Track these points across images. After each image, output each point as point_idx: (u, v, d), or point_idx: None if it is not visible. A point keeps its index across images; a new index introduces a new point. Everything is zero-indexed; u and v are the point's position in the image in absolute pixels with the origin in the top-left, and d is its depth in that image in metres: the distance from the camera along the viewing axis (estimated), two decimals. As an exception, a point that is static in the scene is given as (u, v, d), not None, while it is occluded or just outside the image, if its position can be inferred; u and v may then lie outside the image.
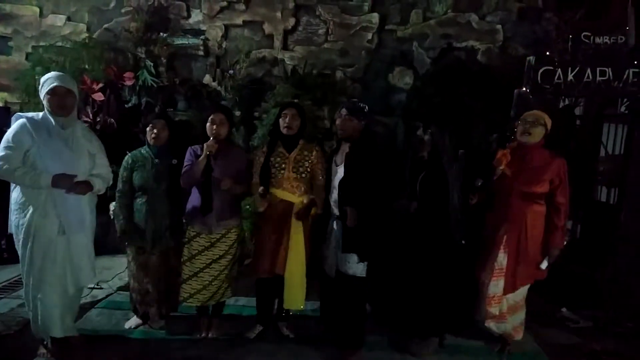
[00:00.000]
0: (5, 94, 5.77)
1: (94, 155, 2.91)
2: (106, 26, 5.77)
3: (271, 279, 3.19)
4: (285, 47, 5.72)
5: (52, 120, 2.77)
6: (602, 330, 3.71)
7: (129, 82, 5.32)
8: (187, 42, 5.69)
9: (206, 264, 3.15)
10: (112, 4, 5.77)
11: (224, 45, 5.74)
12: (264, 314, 3.36)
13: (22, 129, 2.72)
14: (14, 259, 2.99)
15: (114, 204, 3.46)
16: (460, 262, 3.25)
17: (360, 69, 5.64)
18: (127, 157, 3.31)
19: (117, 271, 4.32)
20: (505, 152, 3.11)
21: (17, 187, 2.80)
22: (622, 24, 4.08)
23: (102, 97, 5.10)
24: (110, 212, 4.29)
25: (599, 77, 3.72)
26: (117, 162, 3.33)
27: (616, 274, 3.74)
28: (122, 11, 5.73)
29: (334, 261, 3.13)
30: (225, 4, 5.68)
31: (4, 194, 3.18)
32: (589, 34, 3.94)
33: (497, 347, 3.30)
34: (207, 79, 5.70)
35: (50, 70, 4.45)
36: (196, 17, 5.75)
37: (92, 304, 3.76)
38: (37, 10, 5.80)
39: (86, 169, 2.83)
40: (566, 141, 4.27)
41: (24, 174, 2.66)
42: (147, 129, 3.28)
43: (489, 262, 3.15)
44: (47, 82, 2.75)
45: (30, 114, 2.83)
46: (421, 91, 5.09)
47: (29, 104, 5.05)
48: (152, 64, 5.41)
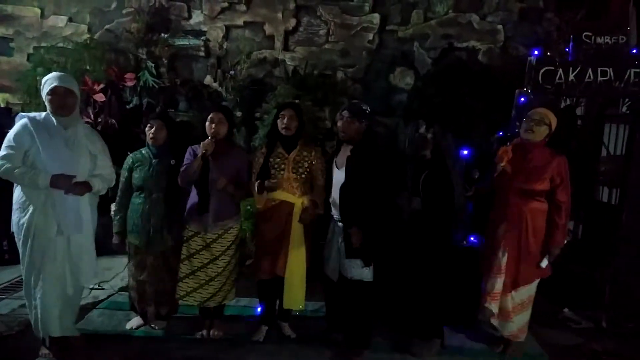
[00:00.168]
0: (6, 95, 5.77)
1: (96, 155, 2.91)
2: (107, 27, 5.77)
3: (273, 279, 3.18)
4: (286, 47, 5.72)
5: (54, 120, 2.78)
6: (604, 330, 3.71)
7: (130, 83, 5.32)
8: (188, 43, 5.69)
9: (203, 264, 3.15)
10: (113, 5, 5.78)
11: (224, 46, 5.74)
12: (267, 314, 3.36)
13: (23, 129, 2.75)
14: (15, 259, 2.99)
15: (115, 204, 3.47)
16: (462, 261, 3.25)
17: (361, 70, 5.63)
18: (128, 157, 3.34)
19: (118, 271, 4.33)
20: (507, 148, 3.10)
21: (19, 186, 2.81)
22: (623, 24, 4.08)
23: (104, 98, 5.11)
24: (111, 212, 4.29)
25: (600, 77, 3.71)
26: (118, 163, 3.33)
27: (617, 274, 3.74)
28: (123, 12, 5.73)
29: (336, 265, 3.09)
30: (226, 4, 5.68)
31: (5, 194, 3.17)
32: (590, 34, 3.93)
33: (499, 349, 3.30)
34: (208, 79, 5.70)
35: (51, 71, 4.46)
36: (197, 18, 5.75)
37: (94, 305, 3.77)
38: (38, 11, 5.81)
39: (86, 169, 2.83)
40: (567, 141, 4.26)
41: (23, 173, 2.67)
42: (146, 129, 3.29)
43: (490, 259, 3.15)
44: (48, 82, 2.77)
45: (32, 114, 2.84)
46: (422, 91, 5.08)
47: (30, 105, 5.05)
48: (153, 65, 5.41)
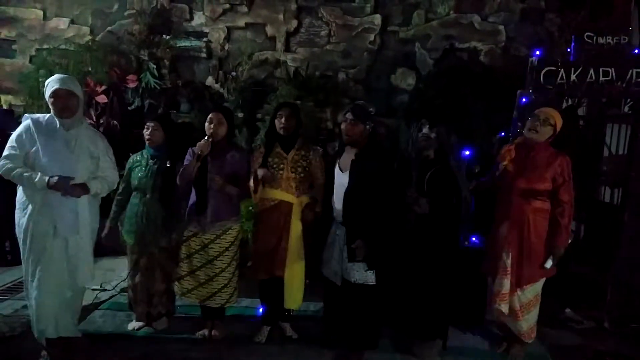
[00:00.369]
0: (9, 97, 5.80)
1: (98, 157, 2.91)
2: (109, 29, 5.80)
3: (274, 280, 3.18)
4: (287, 49, 5.73)
5: (57, 122, 2.79)
6: (606, 330, 3.70)
7: (132, 85, 5.34)
8: (189, 45, 5.71)
9: (202, 264, 3.16)
10: (115, 7, 5.80)
11: (226, 47, 5.76)
12: (268, 314, 3.35)
13: (26, 131, 2.77)
14: (18, 260, 3.00)
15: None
16: (466, 260, 3.23)
17: (362, 71, 5.64)
18: (130, 157, 3.37)
19: (119, 273, 4.34)
20: (510, 147, 3.09)
21: (21, 187, 2.83)
22: (625, 24, 4.07)
23: (106, 100, 5.13)
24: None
25: (602, 78, 3.70)
26: (120, 164, 3.35)
27: (619, 274, 3.73)
28: (125, 14, 5.76)
29: (338, 268, 3.03)
30: (227, 6, 5.70)
31: (7, 195, 3.19)
32: (592, 35, 3.92)
33: (502, 349, 3.29)
34: (209, 81, 5.71)
35: (53, 73, 4.49)
36: (199, 19, 5.77)
37: (96, 305, 3.77)
38: (40, 13, 5.84)
39: (86, 171, 2.83)
40: (569, 142, 4.25)
41: (21, 174, 2.70)
42: (143, 130, 3.30)
43: (495, 260, 3.13)
44: (50, 84, 2.79)
45: (37, 115, 2.86)
46: (423, 92, 5.08)
47: (32, 107, 5.07)
48: (155, 66, 5.44)
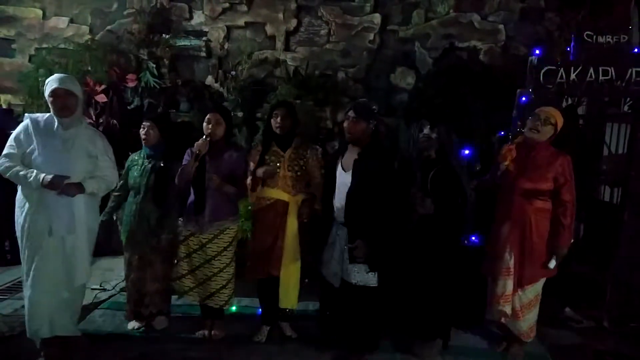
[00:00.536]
0: (8, 96, 5.78)
1: (96, 157, 2.91)
2: (109, 28, 5.78)
3: (272, 279, 3.18)
4: (287, 48, 5.72)
5: (55, 121, 2.80)
6: (605, 330, 3.70)
7: (131, 84, 5.33)
8: (189, 44, 5.69)
9: (200, 263, 3.18)
10: (115, 6, 5.79)
11: (226, 46, 5.75)
12: (267, 314, 3.35)
13: (24, 130, 2.79)
14: (17, 260, 3.00)
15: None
16: (467, 260, 3.22)
17: (362, 70, 5.63)
18: (129, 156, 3.39)
19: (119, 272, 4.32)
20: (511, 147, 3.07)
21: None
22: (624, 23, 4.07)
23: (105, 99, 5.12)
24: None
25: (601, 77, 3.70)
26: (120, 164, 3.35)
27: (619, 273, 3.73)
28: (125, 13, 5.75)
29: (338, 270, 2.99)
30: (227, 5, 5.69)
31: (7, 195, 3.19)
32: (592, 34, 3.91)
33: (501, 348, 3.29)
34: (209, 80, 5.70)
35: (53, 72, 4.49)
36: (198, 18, 5.75)
37: (95, 305, 3.77)
38: (40, 12, 5.82)
39: (82, 170, 2.82)
40: (569, 141, 4.25)
41: (17, 172, 2.71)
42: (140, 130, 3.30)
43: (497, 261, 3.13)
44: (49, 84, 2.80)
45: (36, 115, 2.87)
46: (423, 91, 5.08)
47: (32, 106, 5.06)
48: (154, 66, 5.42)
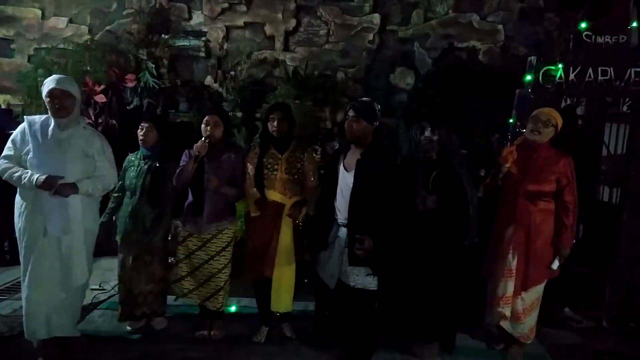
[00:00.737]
0: (7, 96, 5.78)
1: (93, 157, 2.90)
2: (108, 28, 5.78)
3: (266, 279, 3.18)
4: (286, 48, 5.72)
5: (52, 122, 2.79)
6: (604, 330, 3.71)
7: (130, 84, 5.33)
8: (188, 44, 5.70)
9: (199, 264, 3.18)
10: (114, 6, 5.79)
11: (225, 46, 5.75)
12: (265, 314, 3.35)
13: (21, 132, 2.81)
14: (16, 260, 3.00)
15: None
16: (468, 261, 3.21)
17: (361, 70, 5.64)
18: (127, 157, 3.38)
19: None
20: (511, 149, 3.06)
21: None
22: (623, 24, 4.07)
23: (104, 99, 5.11)
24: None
25: (600, 77, 3.70)
26: (119, 164, 3.34)
27: (618, 273, 3.73)
28: (124, 13, 5.75)
29: (335, 271, 2.95)
30: (226, 5, 5.69)
31: (6, 196, 3.19)
32: (591, 34, 3.92)
33: (500, 347, 3.30)
34: (208, 80, 5.70)
35: (52, 72, 4.49)
36: (197, 18, 5.76)
37: (95, 305, 3.77)
38: (39, 12, 5.82)
39: (77, 171, 2.81)
40: (568, 141, 4.26)
41: (12, 174, 2.72)
42: (138, 131, 3.29)
43: (498, 262, 3.12)
44: (46, 84, 2.80)
45: (34, 117, 2.88)
46: (422, 91, 5.09)
47: (31, 106, 5.05)
48: (153, 66, 5.42)
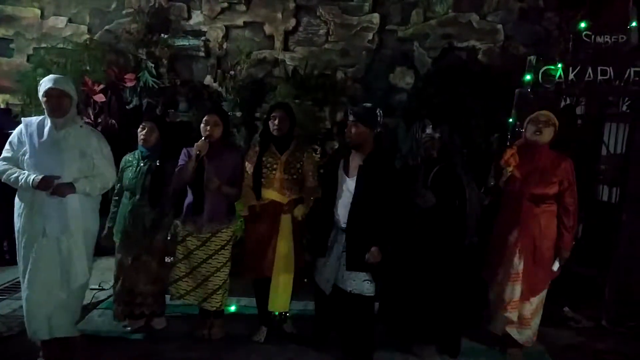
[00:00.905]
0: (7, 96, 5.77)
1: (90, 156, 2.89)
2: (107, 28, 5.77)
3: (266, 279, 3.18)
4: (286, 47, 5.71)
5: (49, 122, 2.79)
6: (604, 329, 3.71)
7: (130, 84, 5.32)
8: (187, 44, 5.69)
9: (198, 263, 3.18)
10: (113, 6, 5.78)
11: (224, 46, 5.74)
12: (264, 314, 3.34)
13: (18, 133, 2.82)
14: (16, 260, 2.99)
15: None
16: (468, 263, 3.21)
17: (361, 69, 5.63)
18: (123, 157, 3.37)
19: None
20: (513, 152, 3.04)
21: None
22: (623, 23, 4.07)
23: (104, 99, 5.11)
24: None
25: (600, 76, 3.70)
26: (118, 163, 3.34)
27: (617, 273, 3.74)
28: (123, 13, 5.74)
29: (332, 276, 2.93)
30: (225, 5, 5.68)
31: (6, 196, 3.19)
32: (590, 33, 3.92)
33: (498, 347, 3.29)
34: (208, 80, 5.70)
35: (51, 71, 4.48)
36: (197, 18, 5.74)
37: (94, 305, 3.77)
38: (38, 12, 5.81)
39: (74, 170, 2.81)
40: (567, 141, 4.26)
41: (10, 175, 2.73)
42: (138, 130, 3.28)
43: (503, 266, 3.11)
44: (43, 84, 2.79)
45: (30, 118, 2.89)
46: (422, 91, 5.08)
47: (30, 106, 5.04)
48: (153, 65, 5.41)
